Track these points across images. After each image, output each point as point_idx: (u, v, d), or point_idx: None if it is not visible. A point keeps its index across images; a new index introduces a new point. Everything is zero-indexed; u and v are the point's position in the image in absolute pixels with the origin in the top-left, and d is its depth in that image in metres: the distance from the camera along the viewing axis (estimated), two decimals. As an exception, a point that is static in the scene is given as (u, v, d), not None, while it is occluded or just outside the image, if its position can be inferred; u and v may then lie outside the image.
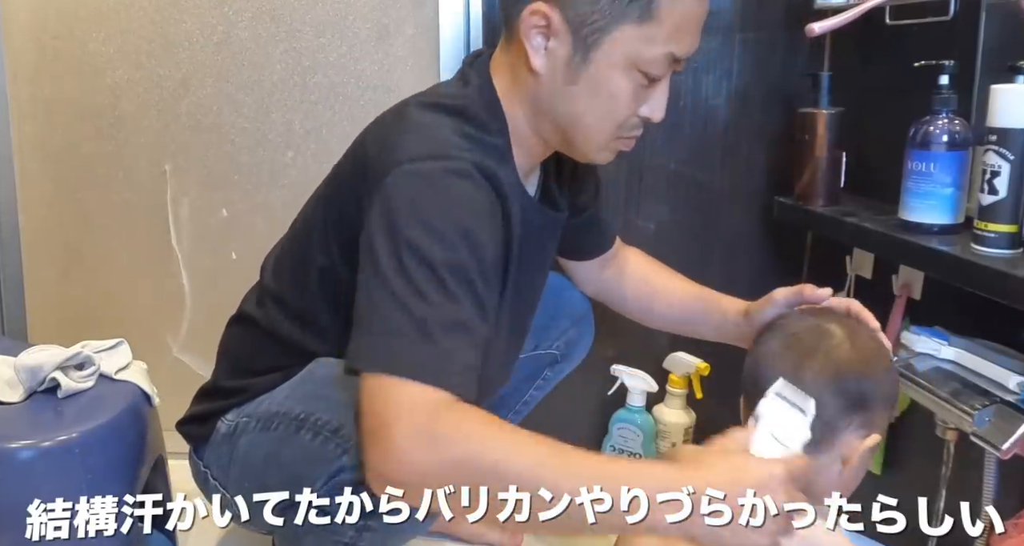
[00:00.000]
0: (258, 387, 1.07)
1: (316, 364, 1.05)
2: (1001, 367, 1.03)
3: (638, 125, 1.01)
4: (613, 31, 0.93)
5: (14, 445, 1.01)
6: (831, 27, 1.22)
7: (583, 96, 0.97)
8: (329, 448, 0.96)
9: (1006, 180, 1.00)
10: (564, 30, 0.94)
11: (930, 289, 1.25)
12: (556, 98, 0.98)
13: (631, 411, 1.65)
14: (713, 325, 1.24)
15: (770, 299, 1.12)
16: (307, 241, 1.06)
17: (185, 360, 1.67)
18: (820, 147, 1.38)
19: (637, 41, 0.93)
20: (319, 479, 0.96)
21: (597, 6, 0.93)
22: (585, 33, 0.94)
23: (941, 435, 1.11)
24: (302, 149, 1.61)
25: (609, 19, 0.93)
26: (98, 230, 1.63)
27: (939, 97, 1.11)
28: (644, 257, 1.35)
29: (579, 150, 1.03)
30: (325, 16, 1.56)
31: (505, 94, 1.00)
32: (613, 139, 1.01)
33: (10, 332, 1.63)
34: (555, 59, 0.96)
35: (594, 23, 0.93)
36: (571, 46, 0.95)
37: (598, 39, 0.94)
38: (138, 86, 1.57)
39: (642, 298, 1.31)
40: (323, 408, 0.99)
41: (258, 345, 1.09)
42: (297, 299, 1.06)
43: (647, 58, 0.94)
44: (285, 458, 1.01)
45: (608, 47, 0.94)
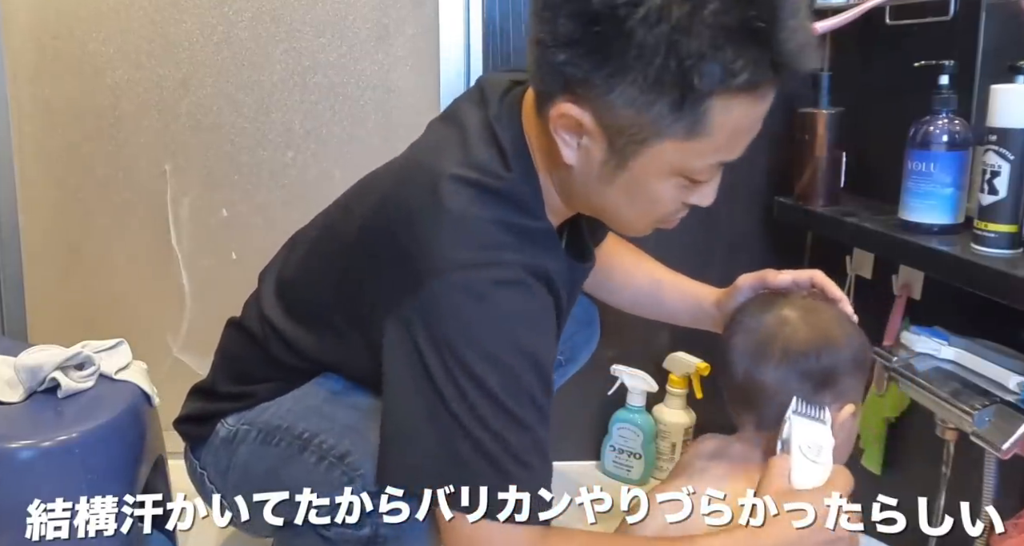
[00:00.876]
0: (260, 394, 1.06)
1: (322, 378, 1.04)
2: (1001, 367, 1.02)
3: (683, 209, 0.94)
4: (655, 144, 0.82)
5: (14, 445, 1.01)
6: (831, 27, 1.22)
7: (620, 196, 0.89)
8: (334, 475, 0.94)
9: (1006, 180, 0.99)
10: (598, 134, 0.84)
11: (930, 289, 1.25)
12: (590, 191, 0.90)
13: (631, 411, 1.65)
14: (691, 315, 1.24)
15: (735, 287, 1.13)
16: (316, 290, 1.00)
17: (185, 360, 1.67)
18: (820, 147, 1.38)
19: (682, 154, 0.83)
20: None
21: (638, 118, 0.81)
22: (622, 143, 0.83)
23: (941, 435, 1.11)
24: (302, 149, 1.61)
25: (651, 133, 0.82)
26: (98, 230, 1.62)
27: (939, 97, 1.11)
28: (619, 241, 1.32)
29: (615, 229, 0.99)
30: (325, 16, 1.56)
31: (539, 159, 0.92)
32: (653, 226, 0.95)
33: (10, 332, 1.62)
34: (588, 157, 0.86)
35: (633, 135, 0.82)
36: (606, 151, 0.85)
37: (637, 150, 0.83)
38: (138, 86, 1.57)
39: (629, 289, 1.31)
40: (327, 429, 0.98)
41: (258, 358, 1.07)
42: (303, 335, 1.02)
43: (694, 168, 0.86)
44: (286, 477, 0.99)
45: (648, 158, 0.84)
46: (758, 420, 1.01)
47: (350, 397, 1.02)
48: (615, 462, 1.67)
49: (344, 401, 1.01)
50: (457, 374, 0.83)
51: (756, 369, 0.99)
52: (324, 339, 1.01)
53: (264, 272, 1.14)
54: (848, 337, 1.01)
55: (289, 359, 1.04)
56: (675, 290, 1.27)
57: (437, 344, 0.83)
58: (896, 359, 1.13)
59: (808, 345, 0.98)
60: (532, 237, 0.89)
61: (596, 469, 1.71)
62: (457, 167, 0.89)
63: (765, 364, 0.99)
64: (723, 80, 0.78)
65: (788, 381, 0.97)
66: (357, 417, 0.98)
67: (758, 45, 0.78)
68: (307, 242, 1.07)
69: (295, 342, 1.03)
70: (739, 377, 1.01)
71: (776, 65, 0.79)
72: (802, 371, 0.98)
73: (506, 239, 0.86)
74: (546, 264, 0.88)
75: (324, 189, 1.61)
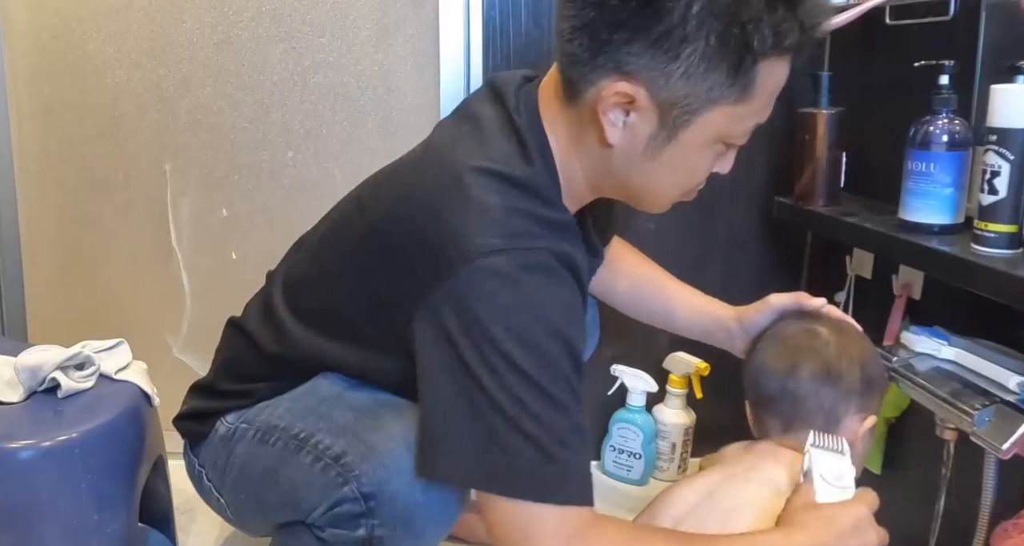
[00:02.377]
0: (259, 392, 1.06)
1: (321, 378, 1.04)
2: (1001, 367, 1.02)
3: (704, 181, 0.99)
4: (706, 112, 0.87)
5: (14, 445, 1.01)
6: (831, 27, 1.22)
7: (661, 170, 0.92)
8: (330, 476, 0.94)
9: (1006, 180, 0.99)
10: (650, 109, 0.87)
11: (930, 289, 1.25)
12: (631, 170, 0.93)
13: (631, 411, 1.65)
14: (703, 329, 1.25)
15: (766, 303, 1.14)
16: (330, 290, 1.01)
17: (185, 360, 1.67)
18: (820, 147, 1.38)
19: (729, 119, 0.88)
20: (319, 506, 0.95)
21: (695, 89, 0.85)
22: (675, 114, 0.87)
23: (941, 435, 1.11)
24: (302, 149, 1.61)
25: (705, 102, 0.86)
26: (98, 230, 1.63)
27: (939, 97, 1.11)
28: (626, 247, 1.34)
29: (641, 206, 1.00)
30: (325, 16, 1.56)
31: (560, 147, 0.94)
32: (679, 197, 0.99)
33: (10, 332, 1.62)
34: (634, 134, 0.89)
35: (688, 106, 0.86)
36: (656, 125, 0.88)
37: (689, 120, 0.87)
38: (138, 86, 1.57)
39: (639, 298, 1.31)
40: (324, 430, 0.98)
41: (260, 358, 1.06)
42: (314, 337, 1.02)
43: (735, 132, 0.90)
44: (283, 477, 1.00)
45: (699, 127, 0.88)
46: (785, 425, 1.06)
47: (349, 397, 1.01)
48: (615, 462, 1.67)
49: (342, 401, 1.01)
50: (493, 359, 0.82)
51: (791, 376, 1.05)
52: (335, 338, 1.00)
53: (272, 272, 1.14)
54: (875, 359, 1.09)
55: (292, 358, 1.04)
56: (688, 307, 1.28)
57: (470, 330, 0.83)
58: (896, 359, 1.13)
59: (841, 358, 1.05)
60: (556, 227, 0.90)
61: (596, 469, 1.71)
62: (479, 159, 0.90)
63: (800, 371, 1.05)
64: (776, 44, 0.83)
65: (820, 388, 1.04)
66: (354, 418, 0.98)
67: (796, 8, 0.83)
68: (316, 240, 1.07)
69: (302, 342, 1.02)
70: (772, 388, 1.06)
71: (807, 28, 0.84)
72: (833, 380, 1.04)
73: (532, 228, 0.87)
74: (571, 252, 0.89)
75: (324, 189, 1.61)
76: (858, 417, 1.05)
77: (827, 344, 1.07)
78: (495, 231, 0.85)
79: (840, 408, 1.04)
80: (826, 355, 1.06)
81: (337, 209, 1.08)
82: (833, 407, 1.04)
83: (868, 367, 1.06)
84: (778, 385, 1.06)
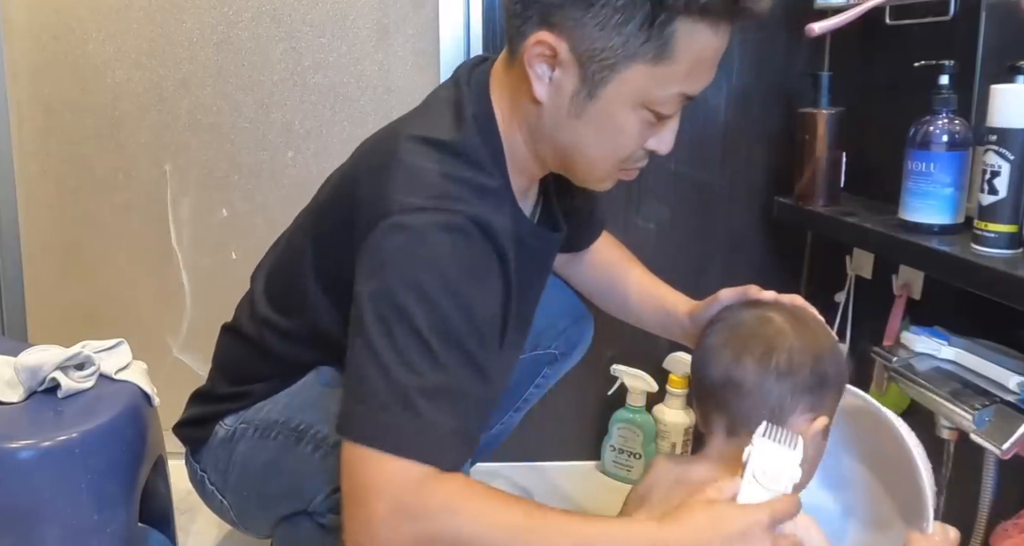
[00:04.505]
0: (257, 393, 1.07)
1: (316, 373, 1.05)
2: (1001, 367, 1.02)
3: (644, 157, 0.97)
4: (624, 70, 0.87)
5: (14, 445, 1.01)
6: (831, 27, 1.22)
7: (587, 130, 0.92)
8: (330, 462, 0.95)
9: (1006, 180, 0.99)
10: (571, 63, 0.88)
11: (930, 289, 1.25)
12: (559, 129, 0.93)
13: (631, 411, 1.65)
14: (658, 321, 1.23)
15: (715, 298, 1.11)
16: (297, 269, 1.02)
17: (185, 360, 1.67)
18: (820, 147, 1.38)
19: (649, 80, 0.87)
20: (320, 493, 0.97)
21: (609, 42, 0.85)
22: (594, 69, 0.87)
23: (941, 435, 1.11)
24: (302, 149, 1.61)
25: (621, 57, 0.86)
26: (98, 230, 1.63)
27: (939, 97, 1.11)
28: (609, 240, 1.32)
29: (578, 178, 0.99)
30: (325, 16, 1.56)
31: (504, 115, 0.95)
32: (616, 171, 0.97)
33: (10, 332, 1.62)
34: (559, 90, 0.90)
35: (604, 60, 0.86)
36: (578, 80, 0.88)
37: (607, 76, 0.87)
38: (138, 86, 1.57)
39: (602, 286, 1.30)
40: (323, 420, 0.99)
41: (254, 357, 1.08)
42: (288, 322, 1.04)
43: (658, 98, 0.89)
44: (285, 468, 1.01)
45: (617, 85, 0.88)
46: (730, 424, 0.96)
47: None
48: (615, 462, 1.67)
49: (338, 393, 1.01)
50: (385, 310, 0.82)
51: (735, 363, 0.95)
52: (306, 319, 1.01)
53: (254, 273, 1.15)
54: (832, 354, 0.98)
55: (283, 352, 1.05)
56: (644, 294, 1.25)
57: (371, 280, 0.84)
58: (896, 359, 1.13)
59: (793, 350, 0.94)
60: (485, 192, 0.91)
61: (596, 469, 1.71)
62: (417, 129, 0.93)
63: (745, 359, 0.94)
64: (689, 2, 0.83)
65: (765, 379, 0.93)
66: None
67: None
68: (288, 231, 1.11)
69: (287, 332, 1.04)
70: (716, 376, 0.96)
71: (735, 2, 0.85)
72: (781, 372, 0.93)
73: (460, 192, 0.89)
74: (490, 217, 0.88)
75: (324, 189, 1.61)
76: (806, 417, 0.93)
77: (779, 332, 0.96)
78: (420, 193, 0.87)
79: (787, 404, 0.93)
80: (775, 344, 0.95)
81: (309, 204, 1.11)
82: (779, 402, 0.93)
83: (823, 361, 0.95)
84: (722, 374, 0.95)
